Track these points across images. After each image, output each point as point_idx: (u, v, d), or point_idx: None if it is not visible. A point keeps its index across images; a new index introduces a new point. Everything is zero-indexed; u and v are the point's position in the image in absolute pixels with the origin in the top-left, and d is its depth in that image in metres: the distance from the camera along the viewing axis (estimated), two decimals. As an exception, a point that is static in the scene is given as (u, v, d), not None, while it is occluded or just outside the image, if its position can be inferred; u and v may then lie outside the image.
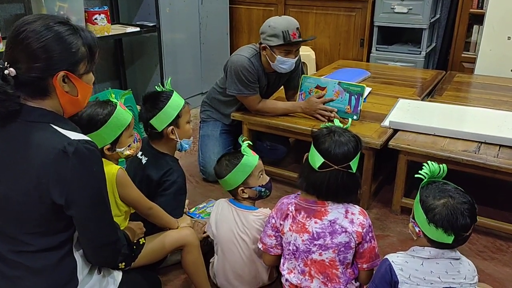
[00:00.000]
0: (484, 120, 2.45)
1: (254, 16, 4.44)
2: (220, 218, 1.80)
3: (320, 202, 1.52)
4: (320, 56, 4.25)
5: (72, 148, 1.12)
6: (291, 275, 1.58)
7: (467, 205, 1.31)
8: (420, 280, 1.34)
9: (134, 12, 3.59)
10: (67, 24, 1.18)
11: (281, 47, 2.39)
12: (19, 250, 1.19)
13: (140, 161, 1.88)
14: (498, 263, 2.04)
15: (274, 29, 2.38)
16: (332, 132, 1.53)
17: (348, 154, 1.49)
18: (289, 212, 1.56)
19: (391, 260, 1.39)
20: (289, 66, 2.47)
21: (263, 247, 1.66)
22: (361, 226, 1.50)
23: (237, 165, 1.74)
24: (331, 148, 1.48)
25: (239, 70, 2.45)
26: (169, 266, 1.93)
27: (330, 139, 1.50)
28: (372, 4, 3.86)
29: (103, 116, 1.52)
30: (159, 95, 1.87)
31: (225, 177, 1.76)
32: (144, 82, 3.75)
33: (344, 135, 1.52)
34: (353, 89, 2.48)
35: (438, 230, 1.30)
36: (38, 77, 1.13)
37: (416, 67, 3.82)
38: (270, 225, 1.63)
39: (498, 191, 2.54)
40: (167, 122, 1.84)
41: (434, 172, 1.38)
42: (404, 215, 2.37)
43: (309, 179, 1.52)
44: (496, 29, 3.41)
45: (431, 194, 1.34)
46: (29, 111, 1.16)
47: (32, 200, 1.14)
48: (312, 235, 1.51)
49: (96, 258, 1.27)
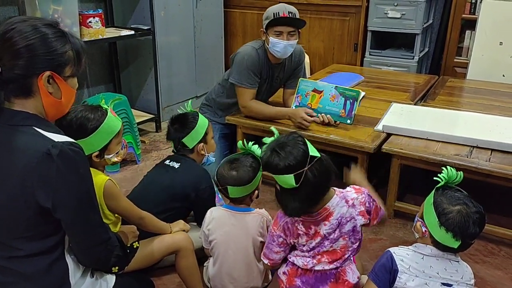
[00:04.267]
0: (476, 125, 2.47)
1: (249, 19, 4.45)
2: (215, 224, 1.77)
3: (322, 209, 1.50)
4: (314, 60, 4.27)
5: (56, 150, 1.11)
6: (298, 258, 1.58)
7: (478, 214, 1.35)
8: (419, 272, 1.38)
9: (128, 15, 3.59)
10: (56, 28, 1.18)
11: (271, 27, 2.46)
12: (9, 256, 1.18)
13: (173, 167, 1.99)
14: (490, 266, 2.05)
15: (267, 11, 2.50)
16: (273, 151, 1.44)
17: (298, 153, 1.41)
18: (299, 231, 1.54)
19: (393, 251, 1.44)
20: (281, 48, 2.48)
21: (269, 262, 1.64)
22: (363, 204, 1.52)
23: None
24: (282, 160, 1.40)
25: (244, 57, 2.52)
26: (163, 269, 1.93)
27: (267, 157, 1.43)
28: (366, 9, 3.89)
29: (94, 122, 1.51)
30: (187, 116, 2.06)
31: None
32: (138, 85, 3.75)
33: (284, 147, 1.44)
34: (349, 93, 2.50)
35: (447, 234, 1.33)
36: (21, 74, 1.13)
37: (409, 71, 3.85)
38: (277, 243, 1.59)
39: (489, 195, 2.55)
40: (198, 139, 2.03)
41: (451, 177, 1.42)
42: (397, 219, 2.39)
43: (290, 205, 1.46)
44: (488, 34, 3.44)
45: (446, 198, 1.38)
46: (11, 115, 1.15)
47: (18, 204, 1.13)
48: (323, 236, 1.52)
49: (88, 259, 1.26)
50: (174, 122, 2.07)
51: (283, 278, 1.62)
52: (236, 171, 1.73)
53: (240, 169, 1.73)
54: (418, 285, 1.38)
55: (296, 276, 1.58)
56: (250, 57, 2.52)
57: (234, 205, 1.80)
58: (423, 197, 1.45)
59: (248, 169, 1.73)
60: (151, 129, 3.65)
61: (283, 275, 1.62)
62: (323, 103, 2.55)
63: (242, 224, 1.75)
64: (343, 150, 2.33)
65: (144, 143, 3.36)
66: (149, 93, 3.66)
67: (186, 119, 2.05)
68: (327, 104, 2.54)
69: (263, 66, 2.57)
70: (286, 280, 1.61)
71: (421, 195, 1.46)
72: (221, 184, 1.76)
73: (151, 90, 3.61)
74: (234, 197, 1.77)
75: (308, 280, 1.56)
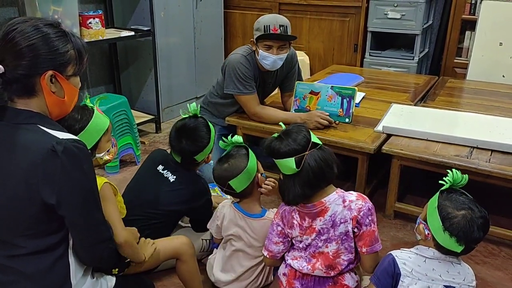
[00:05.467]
0: (476, 125, 2.47)
1: (248, 20, 4.45)
2: (226, 223, 1.80)
3: (318, 202, 1.53)
4: (314, 61, 4.27)
5: (61, 147, 1.12)
6: (294, 261, 1.59)
7: (483, 219, 1.35)
8: (421, 275, 1.38)
9: (128, 16, 3.59)
10: (57, 27, 1.19)
11: (262, 41, 2.43)
12: (11, 254, 1.18)
13: (167, 179, 1.89)
14: (490, 267, 2.05)
15: (258, 22, 2.44)
16: (277, 139, 1.53)
17: (299, 138, 1.50)
18: (294, 221, 1.57)
19: (395, 254, 1.43)
20: (270, 62, 2.45)
21: (269, 254, 1.65)
22: (358, 211, 1.50)
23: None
24: (284, 144, 1.49)
25: (235, 67, 2.48)
26: (164, 270, 1.92)
27: (269, 141, 1.53)
28: (366, 10, 3.89)
29: (82, 122, 1.50)
30: (198, 129, 1.89)
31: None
32: (138, 86, 3.75)
33: (288, 134, 1.53)
34: (345, 92, 2.50)
35: (451, 238, 1.33)
36: (25, 74, 1.13)
37: (409, 72, 3.84)
38: (276, 233, 1.62)
39: (489, 196, 2.55)
40: (209, 152, 1.93)
41: (456, 180, 1.41)
42: (398, 220, 2.38)
43: (291, 192, 1.51)
44: (488, 35, 3.44)
45: (451, 202, 1.37)
46: (16, 113, 1.16)
47: (22, 202, 1.14)
48: (318, 232, 1.53)
49: (90, 257, 1.26)
50: (182, 134, 1.87)
51: (283, 280, 1.62)
52: (228, 163, 1.74)
53: (230, 160, 1.75)
54: None
55: (295, 279, 1.59)
56: (241, 66, 2.48)
57: (245, 208, 1.80)
58: (423, 198, 1.45)
59: (238, 157, 1.75)
60: (151, 130, 3.64)
61: (283, 277, 1.63)
62: (320, 104, 2.55)
63: (251, 228, 1.77)
64: (343, 151, 2.33)
65: (144, 144, 3.36)
66: (149, 94, 3.66)
67: (197, 131, 1.88)
68: (324, 105, 2.54)
69: (255, 72, 2.55)
70: (286, 281, 1.61)
71: (421, 196, 1.46)
72: (222, 183, 1.76)
73: (151, 91, 3.61)
74: (242, 190, 1.75)
75: (307, 283, 1.57)
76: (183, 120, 1.93)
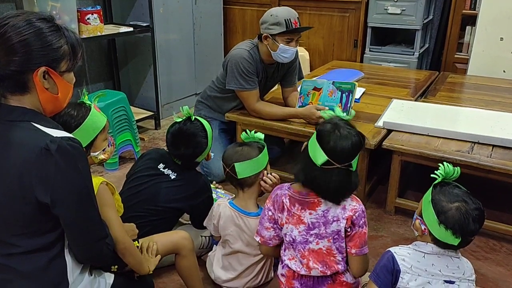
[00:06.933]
0: (477, 121, 2.46)
1: (248, 16, 4.43)
2: (223, 223, 1.80)
3: (313, 194, 1.51)
4: (314, 56, 4.25)
5: (54, 145, 1.10)
6: (291, 262, 1.58)
7: (478, 211, 1.33)
8: (421, 271, 1.37)
9: (127, 12, 3.57)
10: (50, 22, 1.16)
11: (283, 35, 2.42)
12: (7, 253, 1.17)
13: (168, 176, 1.89)
14: (492, 263, 2.04)
15: (276, 17, 2.42)
16: (336, 128, 1.46)
17: (352, 152, 1.45)
18: (284, 206, 1.55)
19: (393, 251, 1.42)
20: (290, 55, 2.49)
21: (261, 239, 1.64)
22: (353, 211, 1.49)
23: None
24: (336, 147, 1.43)
25: (238, 62, 2.48)
26: (164, 267, 1.92)
27: (336, 137, 1.44)
28: (366, 5, 3.87)
29: (78, 119, 1.47)
30: (195, 135, 1.89)
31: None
32: (137, 82, 3.73)
33: (348, 131, 1.46)
34: (344, 86, 2.49)
35: (447, 231, 1.32)
36: (17, 70, 1.11)
37: (409, 67, 3.83)
38: (267, 217, 1.61)
39: (491, 191, 2.54)
40: (208, 151, 1.97)
41: (448, 173, 1.40)
42: (398, 215, 2.38)
43: (308, 174, 1.48)
44: (488, 30, 3.42)
45: (445, 196, 1.36)
46: (9, 111, 1.14)
47: (16, 201, 1.12)
48: (307, 225, 1.51)
49: (86, 255, 1.24)
50: (180, 141, 1.88)
51: (282, 280, 1.62)
52: (242, 147, 1.81)
53: (245, 147, 1.81)
54: (420, 284, 1.36)
55: (294, 279, 1.58)
56: (244, 61, 2.48)
57: (240, 206, 1.80)
58: (424, 193, 1.43)
59: (253, 147, 1.80)
60: (150, 126, 3.63)
61: (281, 277, 1.62)
62: (322, 99, 2.54)
63: (247, 227, 1.77)
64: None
65: (143, 140, 3.35)
66: (148, 90, 3.64)
67: (195, 138, 1.88)
68: (325, 100, 2.53)
69: (258, 67, 2.55)
70: (285, 281, 1.60)
71: (422, 192, 1.44)
72: (228, 163, 1.79)
73: (150, 87, 3.59)
74: (243, 177, 1.77)
75: (306, 282, 1.56)
76: (177, 124, 1.91)
